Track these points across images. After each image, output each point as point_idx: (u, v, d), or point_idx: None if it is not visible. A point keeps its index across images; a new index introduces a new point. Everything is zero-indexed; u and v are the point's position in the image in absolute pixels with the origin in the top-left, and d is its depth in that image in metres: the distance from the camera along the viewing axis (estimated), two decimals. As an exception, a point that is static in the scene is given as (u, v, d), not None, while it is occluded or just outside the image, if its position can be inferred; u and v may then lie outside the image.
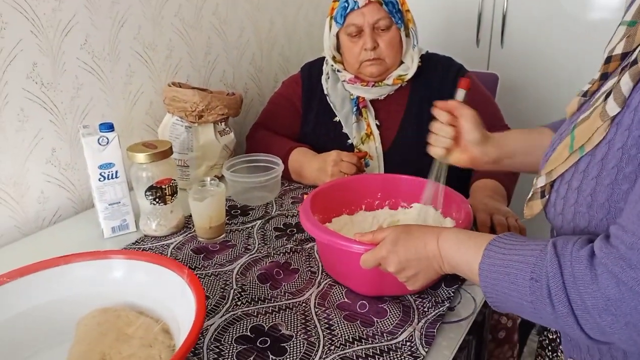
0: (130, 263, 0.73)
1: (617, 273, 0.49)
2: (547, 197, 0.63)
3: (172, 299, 0.68)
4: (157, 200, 0.99)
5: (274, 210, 1.12)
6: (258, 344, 0.71)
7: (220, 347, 0.70)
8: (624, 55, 0.59)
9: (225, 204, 1.03)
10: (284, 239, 1.00)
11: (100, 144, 0.95)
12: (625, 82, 0.52)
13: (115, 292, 0.72)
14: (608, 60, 0.61)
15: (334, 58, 1.27)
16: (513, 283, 0.56)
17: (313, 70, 1.35)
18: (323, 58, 1.33)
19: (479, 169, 0.83)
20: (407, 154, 1.21)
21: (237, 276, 0.87)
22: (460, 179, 1.11)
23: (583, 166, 0.57)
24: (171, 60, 1.33)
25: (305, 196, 0.98)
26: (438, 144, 0.83)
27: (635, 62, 0.52)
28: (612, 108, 0.53)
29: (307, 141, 1.30)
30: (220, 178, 1.18)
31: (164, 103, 1.21)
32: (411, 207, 0.99)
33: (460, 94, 0.85)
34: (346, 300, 0.80)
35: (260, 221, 1.07)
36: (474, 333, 0.88)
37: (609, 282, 0.49)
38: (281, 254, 0.94)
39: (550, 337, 0.81)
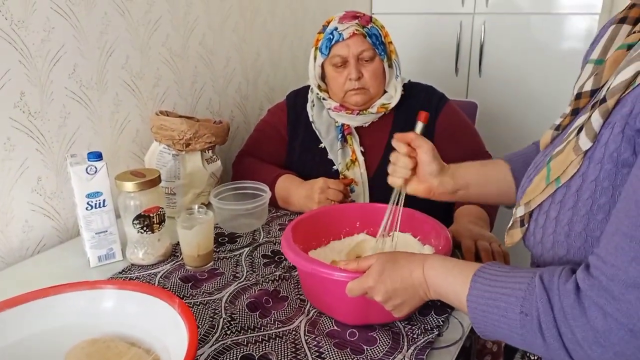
0: (121, 293, 0.72)
1: (602, 305, 0.50)
2: (526, 225, 0.65)
3: (163, 330, 0.68)
4: (144, 228, 0.99)
5: (261, 238, 1.13)
6: (249, 374, 0.71)
7: (211, 377, 0.70)
8: (593, 91, 0.63)
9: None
10: (272, 266, 1.01)
11: (88, 173, 0.95)
12: (596, 119, 0.56)
13: (105, 322, 0.71)
14: (578, 96, 0.66)
15: (319, 87, 1.30)
16: (503, 316, 0.58)
17: (298, 98, 1.37)
18: (308, 86, 1.36)
19: (435, 200, 0.88)
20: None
21: (226, 305, 0.87)
22: (445, 206, 1.13)
23: (559, 197, 0.60)
24: (158, 88, 1.34)
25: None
26: (396, 174, 0.88)
27: (604, 99, 0.56)
28: (585, 143, 0.57)
29: (293, 168, 1.32)
30: (207, 205, 1.18)
31: (152, 131, 1.22)
32: (390, 235, 1.00)
33: (419, 126, 0.88)
34: (336, 328, 0.81)
35: (248, 248, 1.08)
36: (462, 358, 0.89)
37: (597, 315, 0.51)
38: (270, 282, 0.94)
39: (533, 358, 0.82)
